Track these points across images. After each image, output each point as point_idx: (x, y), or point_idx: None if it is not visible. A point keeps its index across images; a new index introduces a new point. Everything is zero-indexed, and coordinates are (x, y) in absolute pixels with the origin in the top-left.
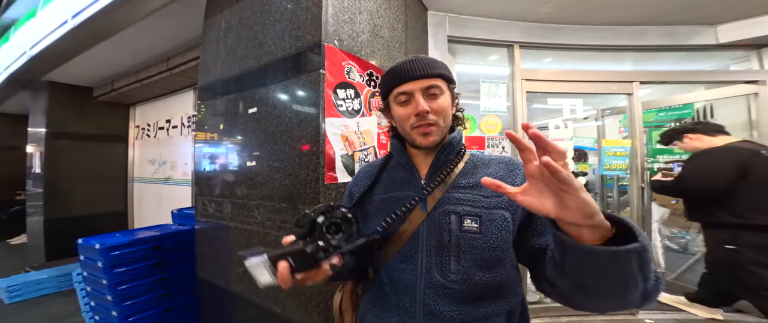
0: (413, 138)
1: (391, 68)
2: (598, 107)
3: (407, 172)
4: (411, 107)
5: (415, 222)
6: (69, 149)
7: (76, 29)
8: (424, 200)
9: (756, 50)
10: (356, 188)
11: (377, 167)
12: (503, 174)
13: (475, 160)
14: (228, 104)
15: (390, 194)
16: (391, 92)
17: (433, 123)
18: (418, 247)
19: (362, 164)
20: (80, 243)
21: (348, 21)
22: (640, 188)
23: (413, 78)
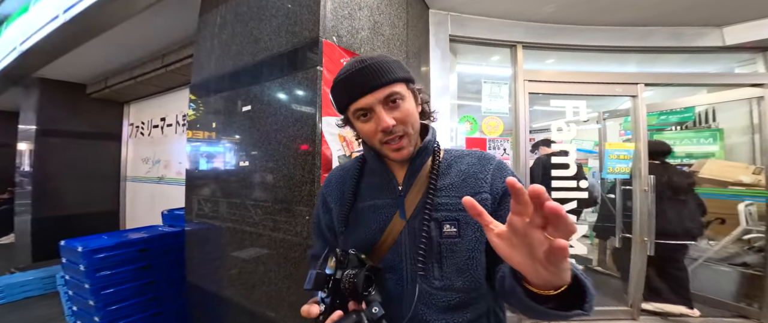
0: (385, 153)
1: (341, 79)
2: (598, 110)
3: (383, 178)
4: (374, 123)
5: (395, 230)
6: (60, 146)
7: (68, 24)
8: (402, 208)
9: (762, 53)
10: (331, 197)
11: (353, 174)
12: (476, 168)
13: (448, 157)
14: (221, 102)
15: (369, 202)
16: (347, 108)
17: (402, 134)
18: (401, 256)
19: (336, 167)
20: (62, 245)
21: (347, 17)
22: (643, 192)
23: (369, 90)
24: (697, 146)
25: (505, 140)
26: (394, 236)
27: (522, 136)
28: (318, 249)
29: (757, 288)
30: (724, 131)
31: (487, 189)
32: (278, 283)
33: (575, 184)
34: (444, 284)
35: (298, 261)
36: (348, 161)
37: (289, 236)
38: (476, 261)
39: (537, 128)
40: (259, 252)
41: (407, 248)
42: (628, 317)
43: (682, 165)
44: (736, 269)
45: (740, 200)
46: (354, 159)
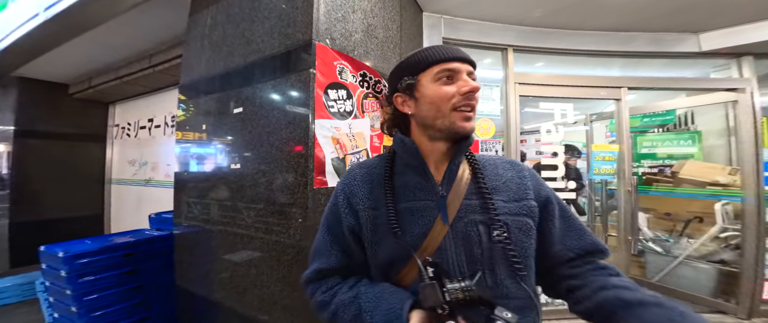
0: (452, 121)
1: (428, 47)
2: (586, 112)
3: (421, 176)
4: (457, 86)
5: (439, 236)
6: (40, 148)
7: (49, 23)
8: (444, 210)
9: (736, 59)
10: (358, 198)
11: (382, 172)
12: (512, 173)
13: (482, 161)
14: (212, 103)
15: (405, 204)
16: (428, 68)
17: (473, 107)
18: (447, 264)
19: (350, 166)
20: (42, 250)
21: (341, 19)
22: (627, 192)
23: (461, 59)
24: (677, 147)
25: (497, 142)
26: (436, 242)
27: (513, 138)
28: (333, 259)
29: (733, 285)
30: (702, 134)
31: (532, 196)
32: (271, 286)
33: (564, 184)
34: (499, 292)
35: (290, 263)
36: (369, 159)
37: (281, 238)
38: (528, 267)
39: (528, 130)
40: (251, 255)
41: (453, 254)
42: None
43: (664, 166)
44: (714, 266)
45: (717, 200)
46: (377, 157)
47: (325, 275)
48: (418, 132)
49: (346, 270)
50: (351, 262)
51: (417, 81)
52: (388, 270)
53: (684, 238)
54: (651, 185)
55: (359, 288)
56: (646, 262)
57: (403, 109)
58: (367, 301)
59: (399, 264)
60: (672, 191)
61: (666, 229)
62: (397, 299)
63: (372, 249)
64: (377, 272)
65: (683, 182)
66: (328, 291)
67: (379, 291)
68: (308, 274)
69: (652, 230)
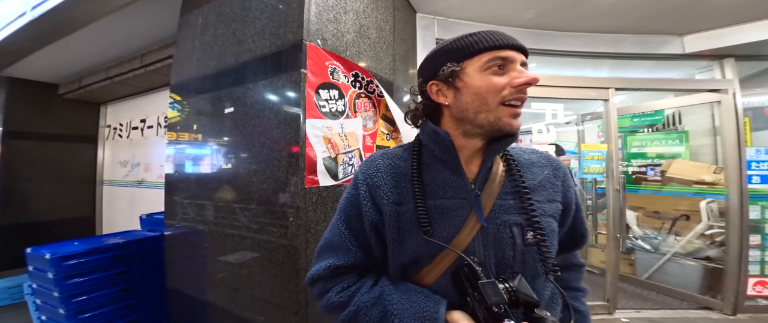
0: (497, 117)
1: (479, 31)
2: (578, 112)
3: (452, 172)
4: (508, 77)
5: (467, 237)
6: (29, 149)
7: (36, 22)
8: (479, 209)
9: (718, 61)
10: (383, 190)
11: (408, 165)
12: (549, 171)
13: (516, 157)
14: (204, 103)
15: (433, 201)
16: (477, 54)
17: (523, 103)
18: None
19: (371, 155)
20: (29, 252)
21: (332, 20)
22: (615, 191)
23: (516, 47)
24: (666, 147)
25: None
26: (465, 243)
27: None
28: (351, 255)
29: (719, 281)
30: (689, 133)
31: (560, 198)
32: (263, 285)
33: None
34: None
35: (283, 262)
36: (392, 148)
37: (274, 238)
38: (555, 269)
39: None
40: (243, 255)
41: (482, 256)
42: (605, 311)
43: (653, 165)
44: (700, 263)
45: (703, 198)
46: (401, 147)
47: (341, 272)
48: (451, 125)
49: (363, 267)
50: (369, 259)
51: (461, 68)
52: (409, 269)
53: (672, 236)
54: (640, 184)
55: (383, 289)
56: (635, 259)
57: (437, 99)
58: (395, 303)
59: (423, 262)
60: (660, 189)
61: (655, 227)
62: (431, 301)
63: (395, 247)
64: (397, 270)
65: (671, 181)
66: (344, 291)
67: (406, 292)
68: (320, 271)
69: (641, 228)
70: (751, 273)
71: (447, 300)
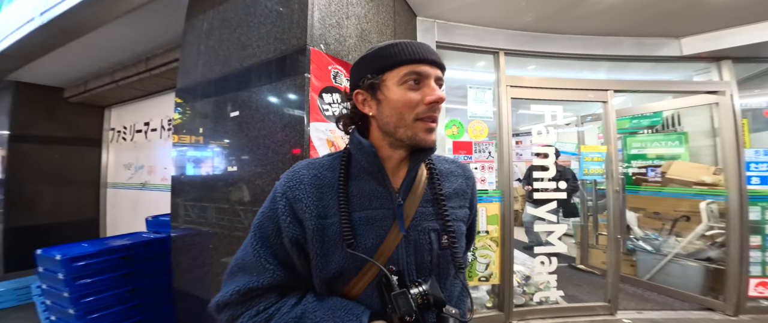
0: (414, 132)
1: (398, 43)
2: (578, 114)
3: (378, 183)
4: (422, 93)
5: (392, 246)
6: (35, 152)
7: (44, 27)
8: (401, 219)
9: (716, 62)
10: (305, 204)
11: (335, 175)
12: (462, 179)
13: (437, 166)
14: (209, 107)
15: (359, 213)
16: (395, 68)
17: (437, 119)
18: (399, 273)
19: (295, 166)
20: (39, 253)
21: (335, 25)
22: (615, 192)
23: (432, 62)
24: (665, 148)
25: (490, 143)
26: (390, 251)
27: (505, 139)
28: (269, 276)
29: (720, 282)
30: (689, 135)
31: (468, 204)
32: None
33: (555, 185)
34: (445, 291)
35: None
36: (319, 158)
37: None
38: (462, 270)
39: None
40: None
41: (405, 262)
42: (607, 312)
43: (653, 167)
44: (701, 263)
45: (703, 199)
46: (329, 156)
47: (255, 295)
48: (378, 135)
49: (283, 287)
50: (290, 278)
51: (381, 81)
52: (335, 282)
53: (673, 236)
54: (640, 185)
55: (305, 307)
56: (636, 260)
57: (363, 109)
58: (318, 320)
59: (349, 275)
60: (660, 190)
61: (655, 228)
62: (353, 314)
63: (319, 261)
64: (322, 285)
65: (671, 182)
66: (259, 315)
67: (331, 307)
68: (228, 296)
69: (641, 229)
70: (753, 273)
71: (371, 310)
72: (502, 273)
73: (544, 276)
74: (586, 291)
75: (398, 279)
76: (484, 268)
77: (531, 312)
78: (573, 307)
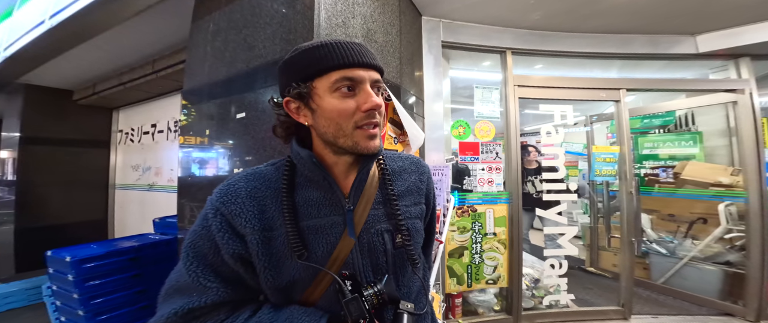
0: (355, 141)
1: (324, 44)
2: (586, 114)
3: (324, 191)
4: (358, 100)
5: (344, 252)
6: (45, 154)
7: (54, 30)
8: (350, 225)
9: (734, 60)
10: (244, 218)
11: (277, 186)
12: (415, 176)
13: (390, 164)
14: (215, 108)
15: (306, 222)
16: (324, 74)
17: (377, 123)
18: (355, 276)
19: (231, 179)
20: (49, 255)
21: (341, 25)
22: (629, 194)
23: (365, 65)
24: (678, 148)
25: (497, 144)
26: (343, 256)
27: (513, 140)
28: (212, 294)
29: (740, 286)
30: (703, 134)
31: (423, 200)
32: None
33: (564, 186)
34: (402, 288)
35: None
36: (258, 168)
37: None
38: (421, 263)
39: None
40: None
41: (360, 265)
42: (620, 316)
43: (666, 167)
44: (720, 267)
45: (720, 201)
46: (270, 165)
47: (199, 315)
48: (319, 143)
49: (233, 302)
50: (238, 292)
51: (311, 89)
52: (290, 291)
53: (688, 239)
54: (653, 187)
55: (261, 318)
56: (650, 264)
57: (298, 118)
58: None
59: (303, 284)
60: (675, 192)
61: (669, 230)
62: (311, 320)
63: (269, 274)
64: (277, 295)
65: (686, 183)
66: None
67: (288, 316)
68: (163, 320)
69: (655, 231)
70: None
71: (329, 315)
72: (510, 276)
73: (554, 279)
74: (596, 295)
75: (352, 283)
76: (492, 271)
77: (540, 316)
78: (584, 311)
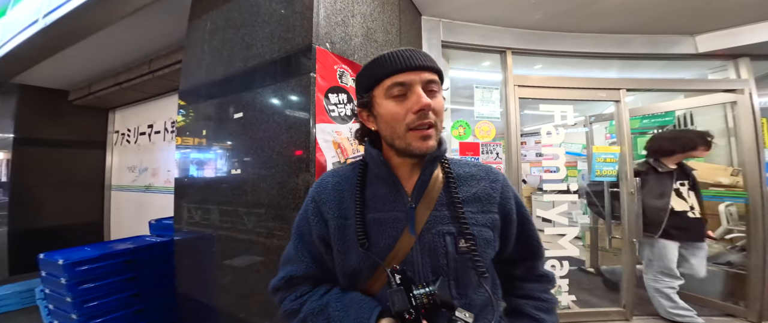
0: (408, 142)
1: (380, 56)
2: (585, 114)
3: (390, 188)
4: (409, 102)
5: (405, 247)
6: (39, 155)
7: (48, 29)
8: (411, 222)
9: (733, 60)
10: (328, 206)
11: (354, 181)
12: (485, 183)
13: (456, 169)
14: (212, 108)
15: (372, 215)
16: (380, 83)
17: (432, 124)
18: (413, 273)
19: (323, 173)
20: (42, 257)
21: (340, 24)
22: (630, 194)
23: (413, 68)
24: None
25: (497, 145)
26: (404, 252)
27: (513, 140)
28: (304, 266)
29: (742, 287)
30: None
31: (496, 209)
32: None
33: (565, 186)
34: (462, 302)
35: None
36: (343, 167)
37: (283, 243)
38: (488, 278)
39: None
40: (252, 260)
41: (419, 264)
42: (622, 318)
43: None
44: (721, 268)
45: (721, 201)
46: (350, 165)
47: (296, 283)
48: (386, 146)
49: (316, 278)
50: (321, 270)
51: (371, 98)
52: (355, 278)
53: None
54: None
55: (329, 297)
56: None
57: (368, 124)
58: (337, 310)
59: (366, 273)
60: None
61: None
62: (366, 308)
63: (340, 258)
64: (345, 279)
65: None
66: (297, 300)
67: (349, 301)
68: (277, 282)
69: None
70: None
71: (383, 307)
72: None
73: (555, 280)
74: (597, 296)
75: (401, 277)
76: None
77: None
78: (586, 312)
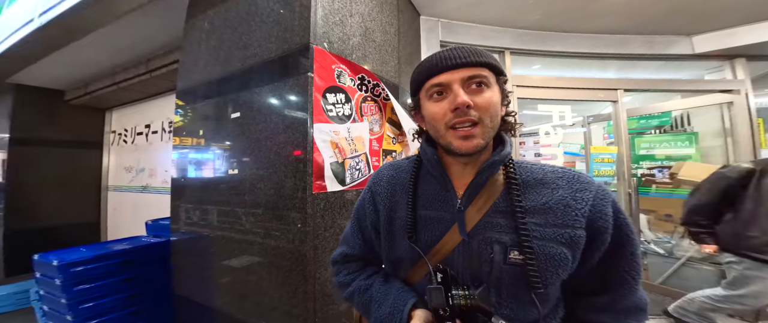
0: (449, 141)
1: (423, 60)
2: (583, 114)
3: (441, 187)
4: (447, 102)
5: (447, 247)
6: (35, 155)
7: (44, 28)
8: (461, 223)
9: (729, 61)
10: (381, 197)
11: (408, 176)
12: (567, 193)
13: (525, 174)
14: (210, 108)
15: (422, 211)
16: (422, 86)
17: (476, 121)
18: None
19: (382, 165)
20: (36, 258)
21: (338, 23)
22: (627, 194)
23: (452, 67)
24: (675, 149)
25: None
26: (444, 253)
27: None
28: (356, 248)
29: None
30: (699, 135)
31: (582, 225)
32: (270, 292)
33: None
34: (504, 314)
35: (290, 268)
36: (401, 160)
37: (281, 243)
38: (545, 296)
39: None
40: (249, 261)
41: (460, 266)
42: None
43: (662, 167)
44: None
45: None
46: (408, 159)
47: (350, 260)
48: (438, 145)
49: (367, 258)
50: (372, 252)
51: (419, 100)
52: (398, 266)
53: (685, 239)
54: (650, 187)
55: (374, 280)
56: (648, 264)
57: (421, 125)
58: (378, 293)
59: (409, 264)
60: (671, 192)
61: (667, 230)
62: (403, 297)
63: (386, 246)
64: (389, 265)
65: (683, 183)
66: (349, 274)
67: (390, 287)
68: (335, 256)
69: (652, 231)
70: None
71: (418, 298)
72: None
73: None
74: None
75: (443, 276)
76: None
77: None
78: None
